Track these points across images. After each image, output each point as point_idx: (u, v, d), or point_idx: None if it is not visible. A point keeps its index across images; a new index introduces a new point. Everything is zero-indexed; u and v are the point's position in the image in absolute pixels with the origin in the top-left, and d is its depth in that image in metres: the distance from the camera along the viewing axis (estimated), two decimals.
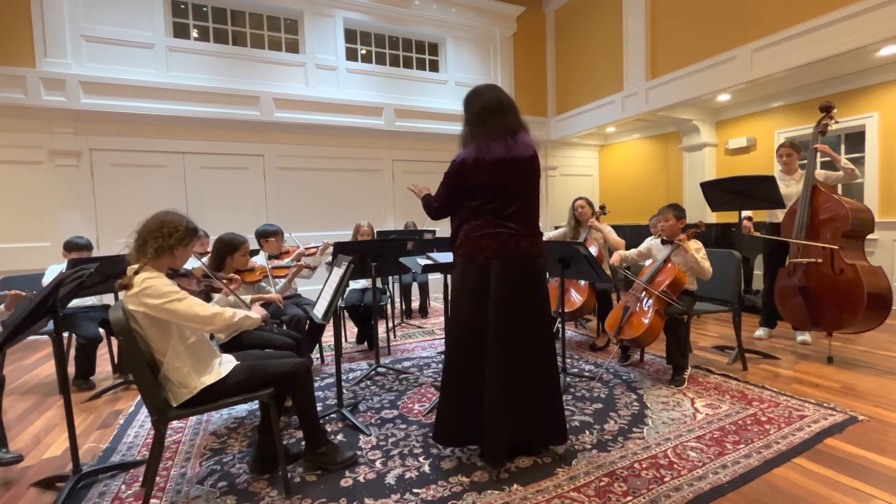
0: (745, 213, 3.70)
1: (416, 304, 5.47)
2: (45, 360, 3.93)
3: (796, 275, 3.29)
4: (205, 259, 2.65)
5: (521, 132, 2.01)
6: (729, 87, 5.04)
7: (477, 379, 1.95)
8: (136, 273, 1.69)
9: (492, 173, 1.94)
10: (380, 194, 6.68)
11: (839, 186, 5.00)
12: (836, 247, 3.06)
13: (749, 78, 4.78)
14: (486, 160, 1.93)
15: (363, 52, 6.66)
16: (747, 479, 1.85)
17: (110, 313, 1.65)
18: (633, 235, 4.77)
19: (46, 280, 3.21)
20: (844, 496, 1.72)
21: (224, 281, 2.37)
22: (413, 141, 6.74)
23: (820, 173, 3.43)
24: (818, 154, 3.37)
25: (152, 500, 1.81)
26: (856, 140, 5.08)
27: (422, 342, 4.15)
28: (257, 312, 2.03)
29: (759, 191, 3.31)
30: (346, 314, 4.19)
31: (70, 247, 3.28)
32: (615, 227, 4.05)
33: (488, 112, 2.00)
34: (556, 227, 4.58)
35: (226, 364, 1.87)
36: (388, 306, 4.35)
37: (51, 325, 1.95)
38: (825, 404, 2.51)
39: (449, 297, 3.12)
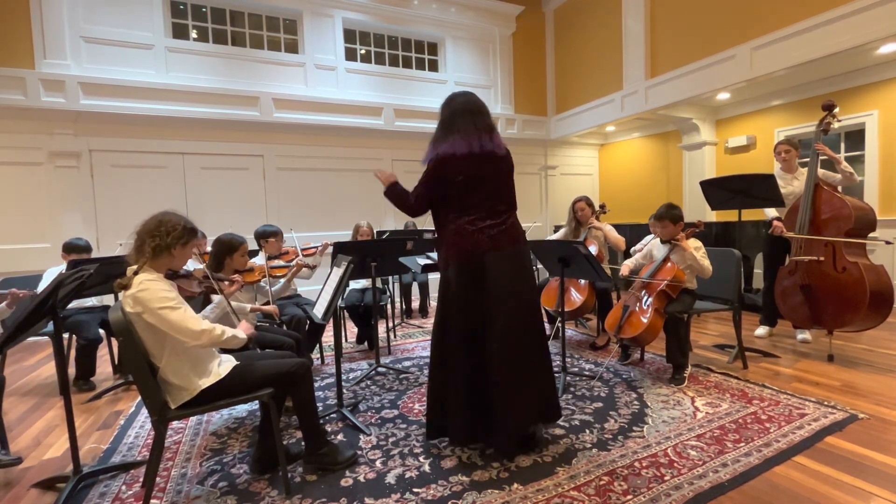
0: (772, 214, 3.58)
1: (416, 304, 5.48)
2: (46, 362, 3.93)
3: (798, 273, 3.28)
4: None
5: (493, 132, 2.13)
6: (728, 86, 5.04)
7: (477, 373, 2.01)
8: (136, 273, 1.69)
9: (471, 167, 2.02)
10: (379, 194, 6.61)
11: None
12: (843, 239, 3.05)
13: (748, 76, 4.77)
14: (465, 154, 2.02)
15: (362, 52, 6.66)
16: (748, 477, 1.84)
17: (110, 314, 1.65)
18: (633, 234, 4.77)
19: (43, 283, 3.21)
20: (845, 494, 1.72)
21: (226, 283, 2.37)
22: (413, 141, 6.73)
23: (819, 173, 3.42)
24: (819, 153, 3.36)
25: (153, 501, 1.81)
26: (855, 138, 5.07)
27: (422, 342, 4.15)
28: (245, 330, 1.93)
29: (758, 189, 3.30)
30: (346, 314, 4.19)
31: (69, 248, 3.28)
32: (615, 227, 4.05)
33: (464, 111, 2.11)
34: (557, 229, 4.57)
35: (225, 364, 1.87)
36: (388, 306, 4.35)
37: (51, 327, 1.95)
38: (826, 402, 2.51)
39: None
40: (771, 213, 3.66)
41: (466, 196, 2.05)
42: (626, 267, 3.26)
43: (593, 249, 3.65)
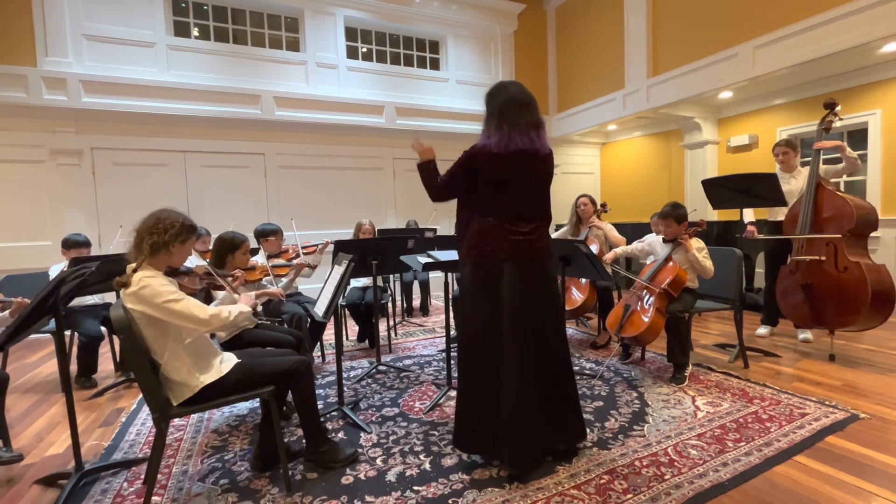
0: (747, 219, 3.67)
1: (417, 303, 5.48)
2: (48, 359, 3.94)
3: (799, 272, 3.28)
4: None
5: (542, 128, 1.99)
6: (731, 85, 5.02)
7: (492, 381, 1.90)
8: (135, 271, 1.69)
9: (510, 166, 1.90)
10: (381, 193, 6.68)
11: (842, 183, 4.98)
12: (839, 235, 3.04)
13: (751, 75, 4.76)
14: (507, 152, 1.88)
15: (364, 50, 6.66)
16: (748, 476, 1.84)
17: (111, 311, 1.65)
18: (634, 233, 4.75)
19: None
20: (846, 494, 1.72)
21: (228, 279, 2.37)
22: None
23: (821, 168, 3.40)
24: (822, 151, 3.35)
25: (154, 498, 1.82)
26: (858, 137, 5.05)
27: (423, 340, 4.16)
28: (246, 302, 2.01)
29: (760, 188, 3.29)
30: (347, 312, 4.19)
31: (69, 244, 3.27)
32: (616, 226, 4.04)
33: (516, 104, 1.94)
34: (558, 227, 4.57)
35: (227, 362, 1.88)
36: (389, 304, 4.35)
37: (53, 324, 1.96)
38: (826, 402, 2.51)
39: (449, 297, 3.12)
40: (747, 216, 3.67)
41: (495, 200, 1.92)
42: (612, 254, 3.29)
43: (594, 248, 3.65)
